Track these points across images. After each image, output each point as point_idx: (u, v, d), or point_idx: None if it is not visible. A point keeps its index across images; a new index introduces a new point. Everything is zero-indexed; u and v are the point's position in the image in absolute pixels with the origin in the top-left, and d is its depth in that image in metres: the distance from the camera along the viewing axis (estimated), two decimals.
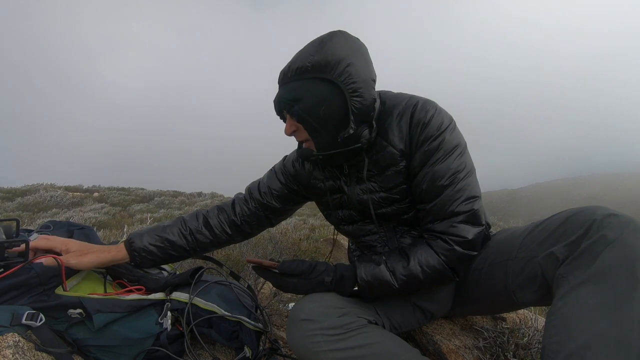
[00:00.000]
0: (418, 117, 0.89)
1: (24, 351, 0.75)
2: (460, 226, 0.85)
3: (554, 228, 0.78)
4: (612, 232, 0.67)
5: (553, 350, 0.66)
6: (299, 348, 0.82)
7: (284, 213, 1.20)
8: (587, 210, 0.75)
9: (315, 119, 0.87)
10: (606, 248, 0.66)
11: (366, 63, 0.88)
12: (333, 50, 0.83)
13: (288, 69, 0.87)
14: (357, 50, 0.86)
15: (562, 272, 0.72)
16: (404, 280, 0.86)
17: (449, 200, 0.86)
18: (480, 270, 0.96)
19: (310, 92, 0.85)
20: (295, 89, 0.87)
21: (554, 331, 0.68)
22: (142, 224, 5.91)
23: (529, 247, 0.84)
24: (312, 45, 0.85)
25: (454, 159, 0.87)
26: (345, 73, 0.83)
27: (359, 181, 0.98)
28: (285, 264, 0.90)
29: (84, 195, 10.28)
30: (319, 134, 0.89)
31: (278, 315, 1.70)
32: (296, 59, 0.86)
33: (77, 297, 0.90)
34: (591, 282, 0.66)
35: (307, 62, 0.84)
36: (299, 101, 0.86)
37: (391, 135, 0.91)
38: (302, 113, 0.87)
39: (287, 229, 4.09)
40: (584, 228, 0.71)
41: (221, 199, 12.27)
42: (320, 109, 0.85)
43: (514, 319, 1.23)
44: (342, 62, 0.83)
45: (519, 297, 0.87)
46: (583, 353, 0.61)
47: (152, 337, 0.95)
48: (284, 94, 0.89)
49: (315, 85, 0.85)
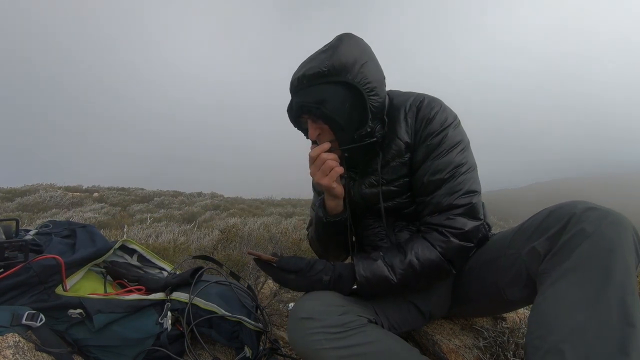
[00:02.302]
0: (423, 113, 0.92)
1: (24, 351, 0.75)
2: (458, 218, 0.87)
3: (538, 223, 0.80)
4: (590, 225, 0.68)
5: (534, 346, 0.67)
6: (300, 346, 0.82)
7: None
8: (567, 205, 0.76)
9: (342, 117, 0.89)
10: (584, 241, 0.67)
11: (375, 62, 0.92)
12: (346, 53, 0.86)
13: (302, 76, 0.89)
14: (366, 50, 0.90)
15: (544, 269, 0.73)
16: (402, 274, 0.87)
17: (448, 193, 0.88)
18: (474, 269, 0.97)
19: (332, 94, 0.87)
20: (317, 92, 0.88)
21: (534, 327, 0.69)
22: (142, 224, 5.91)
23: (517, 243, 0.85)
24: (323, 52, 0.88)
25: (455, 154, 0.89)
26: (360, 74, 0.87)
27: (363, 176, 1.01)
28: (283, 260, 0.92)
29: (84, 196, 10.28)
30: (344, 132, 0.91)
31: (278, 315, 1.70)
32: (309, 66, 0.88)
33: (78, 297, 0.90)
34: (569, 276, 0.67)
35: (322, 67, 0.86)
36: (324, 102, 0.88)
37: (398, 129, 0.94)
38: (330, 113, 0.88)
39: (287, 229, 4.09)
40: (564, 222, 0.72)
41: (221, 199, 12.27)
42: (345, 107, 0.88)
43: (514, 319, 1.23)
44: (357, 64, 0.86)
45: (508, 295, 0.88)
46: (562, 347, 0.62)
47: (152, 337, 0.95)
48: (305, 99, 0.90)
49: (335, 87, 0.87)
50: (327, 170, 0.92)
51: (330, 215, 1.04)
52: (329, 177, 0.92)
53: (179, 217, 7.87)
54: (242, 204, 11.04)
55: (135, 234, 4.18)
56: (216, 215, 8.21)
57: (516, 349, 1.07)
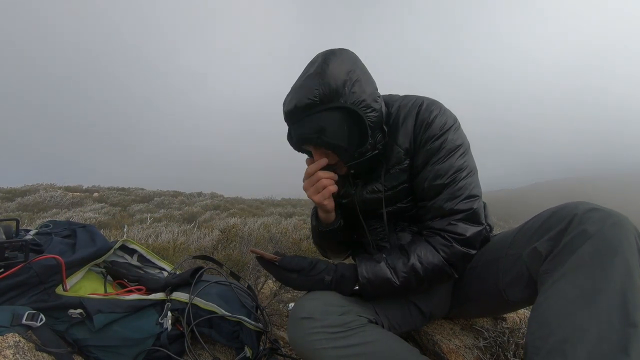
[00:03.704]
0: (422, 117, 0.91)
1: (24, 351, 0.75)
2: (459, 224, 0.87)
3: (539, 224, 0.80)
4: (592, 226, 0.68)
5: (535, 346, 0.66)
6: (300, 346, 0.82)
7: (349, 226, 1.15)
8: (569, 206, 0.76)
9: (343, 141, 0.88)
10: (585, 242, 0.67)
11: (365, 74, 0.89)
12: (334, 76, 0.83)
13: (295, 108, 0.86)
14: (353, 64, 0.87)
15: (545, 269, 0.73)
16: (404, 277, 0.87)
17: (449, 198, 0.87)
18: (475, 269, 0.97)
19: (330, 121, 0.85)
20: (314, 122, 0.86)
21: (535, 327, 0.68)
22: (142, 224, 5.91)
23: (518, 244, 0.85)
24: (310, 78, 0.84)
25: (456, 158, 0.89)
26: (352, 95, 0.84)
27: (365, 183, 1.01)
28: (286, 259, 0.92)
29: (84, 196, 10.28)
30: (347, 152, 0.90)
31: (278, 315, 1.70)
32: (299, 96, 0.85)
33: (78, 298, 0.90)
34: (570, 276, 0.67)
35: (313, 97, 0.83)
36: (323, 131, 0.86)
37: (397, 135, 0.94)
38: (331, 140, 0.87)
39: (287, 229, 4.09)
40: (565, 222, 0.72)
41: (221, 199, 12.26)
42: (344, 130, 0.87)
43: (514, 319, 1.23)
44: (347, 85, 0.84)
45: (509, 295, 0.88)
46: (563, 347, 0.62)
47: (152, 337, 0.95)
48: (303, 131, 0.88)
49: (331, 113, 0.85)
50: (320, 188, 0.92)
51: (323, 225, 1.06)
52: (321, 194, 0.93)
53: (179, 217, 7.88)
54: (242, 204, 11.05)
55: (135, 234, 4.19)
56: (216, 215, 8.22)
57: (516, 349, 1.07)
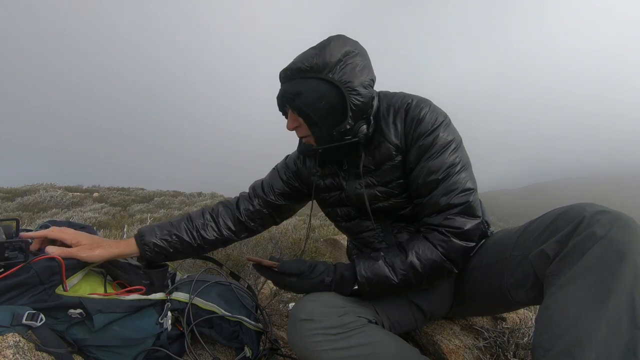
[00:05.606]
0: (412, 114, 0.92)
1: (24, 351, 0.75)
2: (456, 218, 0.87)
3: (546, 226, 0.79)
4: (600, 229, 0.67)
5: (543, 348, 0.66)
6: (300, 347, 0.82)
7: (287, 211, 1.23)
8: (577, 207, 0.75)
9: (316, 113, 0.90)
10: (594, 245, 0.67)
11: (365, 64, 0.91)
12: (332, 52, 0.87)
13: (289, 69, 0.91)
14: (355, 51, 0.90)
15: (552, 270, 0.73)
16: (403, 274, 0.87)
17: (444, 193, 0.88)
18: (477, 269, 0.96)
19: (310, 88, 0.89)
20: (297, 85, 0.90)
21: (543, 329, 0.68)
22: (142, 224, 5.91)
23: (523, 245, 0.85)
24: (313, 49, 0.89)
25: (448, 154, 0.89)
26: (342, 74, 0.87)
27: (357, 177, 1.01)
28: (285, 264, 0.92)
29: (84, 196, 10.27)
30: (318, 128, 0.92)
31: (278, 315, 1.70)
32: (297, 60, 0.90)
33: (78, 297, 0.90)
34: (579, 278, 0.67)
35: (306, 64, 0.88)
36: (300, 95, 0.90)
37: (387, 132, 0.95)
38: (303, 106, 0.90)
39: (287, 229, 4.09)
40: (573, 224, 0.72)
41: (221, 199, 12.27)
42: (320, 104, 0.89)
43: (514, 319, 1.23)
44: (340, 64, 0.87)
45: (514, 296, 0.88)
46: (572, 350, 0.61)
47: (152, 337, 0.95)
48: (286, 89, 0.93)
49: (316, 83, 0.88)
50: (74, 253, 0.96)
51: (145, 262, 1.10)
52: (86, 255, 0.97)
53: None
54: None
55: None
56: None
57: (516, 349, 1.07)
